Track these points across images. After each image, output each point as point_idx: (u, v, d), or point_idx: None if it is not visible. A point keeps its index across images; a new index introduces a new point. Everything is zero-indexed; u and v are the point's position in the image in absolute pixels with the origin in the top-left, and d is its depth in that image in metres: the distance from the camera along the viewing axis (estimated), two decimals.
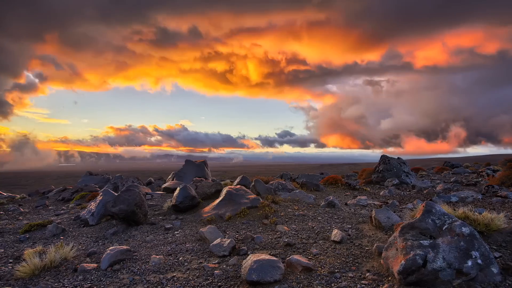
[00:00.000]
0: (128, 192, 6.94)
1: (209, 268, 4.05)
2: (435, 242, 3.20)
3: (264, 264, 3.53)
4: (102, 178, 16.75)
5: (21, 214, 9.88)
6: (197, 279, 3.80)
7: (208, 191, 8.71)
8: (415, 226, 3.49)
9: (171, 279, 3.84)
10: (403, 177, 13.12)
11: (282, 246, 4.69)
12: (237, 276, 3.78)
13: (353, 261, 3.96)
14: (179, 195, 7.67)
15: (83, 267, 4.22)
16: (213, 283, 3.65)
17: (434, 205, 3.59)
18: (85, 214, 7.76)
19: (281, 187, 9.04)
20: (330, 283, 3.40)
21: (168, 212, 7.76)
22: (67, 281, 3.94)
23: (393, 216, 5.28)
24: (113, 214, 6.69)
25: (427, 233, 3.39)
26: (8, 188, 25.61)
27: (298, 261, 3.74)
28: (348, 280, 3.43)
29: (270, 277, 3.43)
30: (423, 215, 3.53)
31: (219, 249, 4.55)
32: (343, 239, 4.68)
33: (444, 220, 3.43)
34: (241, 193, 7.41)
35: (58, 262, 4.46)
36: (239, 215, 6.58)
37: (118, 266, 4.28)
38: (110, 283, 3.82)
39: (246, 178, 9.28)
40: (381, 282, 3.33)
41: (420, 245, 3.22)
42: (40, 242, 6.31)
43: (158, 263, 4.35)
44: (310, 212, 6.73)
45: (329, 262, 3.98)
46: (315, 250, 4.40)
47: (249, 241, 4.98)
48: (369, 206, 7.44)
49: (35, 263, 4.25)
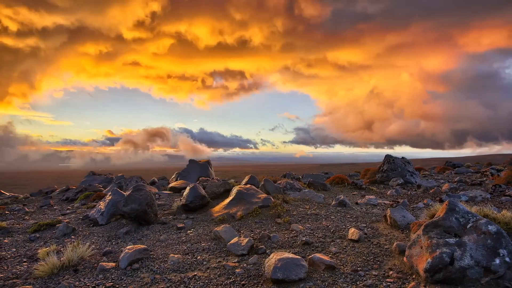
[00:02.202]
0: (139, 192, 6.92)
1: (230, 267, 4.04)
2: (461, 240, 3.21)
3: (288, 263, 3.52)
4: (105, 178, 16.68)
5: (26, 214, 9.82)
6: (219, 277, 3.79)
7: (216, 191, 8.69)
8: (438, 224, 3.50)
9: (193, 278, 3.83)
10: (407, 176, 13.16)
11: (300, 245, 4.70)
12: (259, 275, 3.78)
13: (374, 260, 3.97)
14: (189, 194, 7.66)
15: (102, 266, 4.20)
16: (236, 282, 3.64)
17: (457, 203, 3.61)
18: (94, 214, 7.72)
19: (289, 186, 9.04)
20: (355, 281, 3.41)
21: (178, 212, 7.74)
22: (88, 280, 3.92)
23: (408, 215, 5.30)
24: (124, 213, 6.67)
25: (451, 231, 3.40)
26: (8, 188, 25.45)
27: (320, 260, 3.75)
28: (373, 278, 3.43)
29: (295, 276, 3.43)
30: (447, 214, 3.54)
31: (237, 248, 4.54)
32: (360, 238, 4.68)
33: (468, 218, 3.45)
34: (251, 192, 7.41)
35: (76, 261, 4.44)
36: (251, 214, 6.57)
37: (137, 265, 4.27)
38: (131, 282, 3.80)
39: (254, 177, 9.29)
40: (406, 280, 3.33)
41: (446, 243, 3.23)
42: (51, 241, 6.27)
43: (176, 262, 4.34)
44: (322, 211, 6.74)
45: (350, 260, 3.98)
46: (334, 249, 4.41)
47: (266, 240, 4.98)
48: (380, 205, 7.46)
49: (54, 262, 4.23)
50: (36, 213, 10.07)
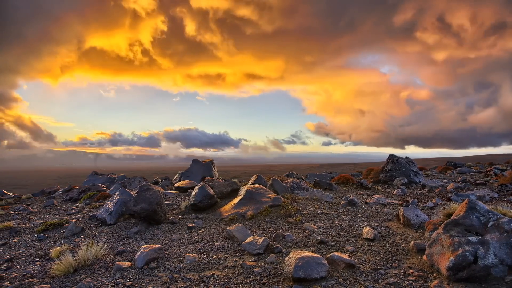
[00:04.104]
0: (148, 191, 6.89)
1: (247, 266, 4.03)
2: (484, 239, 3.22)
3: (309, 261, 3.52)
4: (108, 178, 16.62)
5: (31, 214, 9.76)
6: (238, 276, 3.78)
7: (224, 190, 8.68)
8: (459, 223, 3.51)
9: (212, 277, 3.81)
10: (411, 176, 13.19)
11: (315, 244, 4.69)
12: (278, 273, 3.77)
13: (392, 258, 3.97)
14: (198, 194, 7.64)
15: (118, 265, 4.18)
16: (255, 281, 3.63)
17: (477, 202, 3.62)
18: (102, 213, 7.68)
19: (296, 186, 9.04)
20: (376, 280, 3.41)
21: (186, 211, 7.72)
22: (106, 279, 3.90)
23: (421, 214, 5.31)
24: (134, 213, 6.63)
25: (472, 229, 3.41)
26: (8, 188, 25.29)
27: (340, 258, 3.75)
28: (394, 277, 3.44)
29: (316, 274, 3.43)
30: (467, 212, 3.55)
31: (253, 247, 4.53)
32: (375, 237, 4.69)
33: (489, 217, 3.46)
34: (261, 192, 7.40)
35: (91, 261, 4.41)
36: (261, 213, 6.57)
37: (153, 264, 4.25)
38: (150, 281, 3.79)
39: (261, 177, 9.28)
40: (428, 279, 3.34)
41: (468, 241, 3.24)
42: (60, 241, 6.23)
43: (193, 261, 4.32)
44: (332, 210, 6.74)
45: (369, 259, 3.98)
46: (350, 248, 4.41)
47: (280, 239, 4.97)
48: (389, 205, 7.47)
49: (69, 261, 4.20)
50: (40, 213, 10.01)
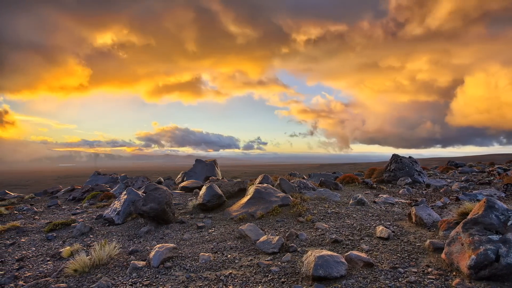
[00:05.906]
0: (157, 191, 6.87)
1: (264, 264, 4.02)
2: (505, 237, 3.22)
3: (328, 260, 3.52)
4: (111, 177, 16.57)
5: (36, 214, 9.72)
6: (255, 275, 3.77)
7: (231, 190, 8.67)
8: (478, 221, 3.51)
9: (229, 275, 3.80)
10: (415, 176, 13.21)
11: (329, 243, 4.69)
12: (295, 272, 3.76)
13: (409, 257, 3.97)
14: (206, 194, 7.62)
15: (134, 264, 4.15)
16: (274, 279, 3.62)
17: (495, 200, 3.62)
18: (109, 213, 7.66)
19: (303, 185, 9.04)
20: (396, 278, 3.41)
21: (194, 211, 7.70)
22: (122, 279, 3.88)
23: (433, 213, 5.32)
24: (144, 212, 6.60)
25: (492, 228, 3.41)
26: (9, 188, 25.16)
27: (358, 257, 3.74)
28: (414, 275, 3.44)
29: (336, 273, 3.42)
30: (486, 211, 3.56)
31: (268, 246, 4.52)
32: (390, 236, 4.69)
33: (508, 215, 3.46)
34: (269, 191, 7.39)
35: (106, 260, 4.39)
36: (271, 213, 6.56)
37: (169, 263, 4.23)
38: (167, 280, 3.77)
39: (268, 177, 9.27)
40: (448, 277, 3.34)
41: (489, 240, 3.24)
42: (69, 240, 6.21)
43: (208, 260, 4.31)
44: (342, 209, 6.74)
45: (386, 258, 3.98)
46: (366, 247, 4.40)
47: (294, 238, 4.97)
48: (398, 204, 7.48)
49: (84, 261, 4.18)
50: (45, 212, 9.97)
